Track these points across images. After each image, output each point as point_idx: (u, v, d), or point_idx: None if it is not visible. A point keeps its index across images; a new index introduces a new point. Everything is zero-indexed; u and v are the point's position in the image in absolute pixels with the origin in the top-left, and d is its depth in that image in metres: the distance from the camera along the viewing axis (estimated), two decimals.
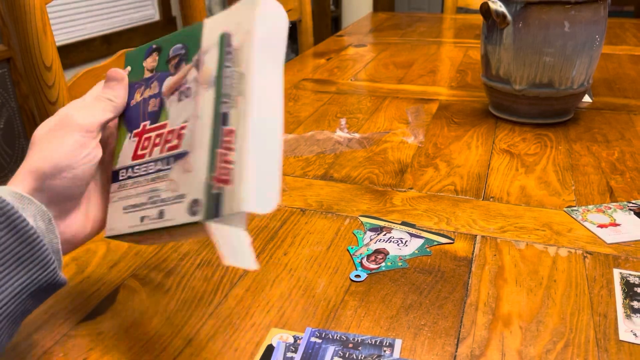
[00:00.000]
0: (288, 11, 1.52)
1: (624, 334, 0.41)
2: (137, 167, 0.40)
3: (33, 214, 0.35)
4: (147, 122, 0.41)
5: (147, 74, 0.42)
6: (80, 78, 0.78)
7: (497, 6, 0.78)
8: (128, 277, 0.49)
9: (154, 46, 0.42)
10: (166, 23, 3.08)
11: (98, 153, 0.39)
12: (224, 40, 0.37)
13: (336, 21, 3.48)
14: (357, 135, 0.82)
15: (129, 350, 0.41)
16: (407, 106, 0.94)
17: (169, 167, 0.38)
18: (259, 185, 0.33)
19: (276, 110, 0.35)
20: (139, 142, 0.41)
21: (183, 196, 0.36)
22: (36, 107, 0.72)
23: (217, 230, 0.34)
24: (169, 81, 0.40)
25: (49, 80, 0.71)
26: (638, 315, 0.43)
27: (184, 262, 0.51)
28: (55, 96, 0.72)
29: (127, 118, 0.43)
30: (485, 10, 0.80)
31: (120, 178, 0.41)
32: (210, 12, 3.03)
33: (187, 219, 0.35)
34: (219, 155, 0.34)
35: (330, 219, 0.58)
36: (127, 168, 0.41)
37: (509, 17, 0.78)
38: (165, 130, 0.39)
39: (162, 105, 0.40)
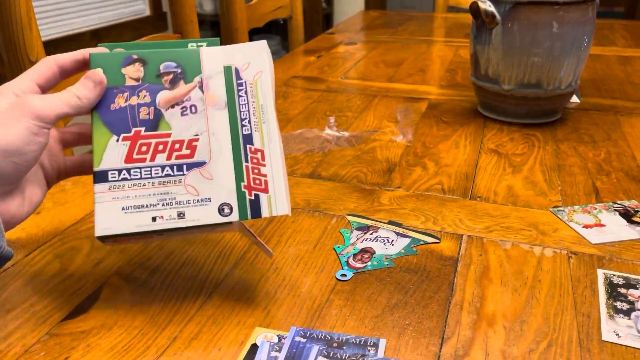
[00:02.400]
0: (279, 8, 1.52)
1: (607, 334, 0.42)
2: (134, 170, 0.43)
3: None
4: (142, 129, 0.44)
5: (131, 82, 0.44)
6: None
7: (487, 6, 0.79)
8: (112, 275, 0.49)
9: (134, 56, 0.44)
10: (157, 19, 3.06)
11: (46, 141, 0.40)
12: (232, 73, 0.45)
13: (327, 18, 3.48)
14: (345, 134, 0.82)
15: (112, 349, 0.40)
16: (396, 105, 0.94)
17: (182, 173, 0.43)
18: (286, 193, 0.44)
19: (277, 132, 0.45)
20: (132, 146, 0.43)
21: (209, 200, 0.43)
22: None
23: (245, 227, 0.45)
24: (166, 95, 0.44)
25: None
26: (621, 315, 0.43)
27: (169, 261, 0.51)
28: None
29: (109, 120, 0.43)
30: (474, 9, 0.81)
31: (111, 179, 0.43)
32: (200, 8, 3.01)
33: (219, 219, 0.43)
34: (248, 169, 0.44)
35: (317, 218, 0.58)
36: (119, 170, 0.43)
37: (498, 17, 0.78)
38: (169, 140, 0.44)
39: (158, 116, 0.44)
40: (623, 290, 0.46)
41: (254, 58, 0.45)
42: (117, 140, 0.43)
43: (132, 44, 0.47)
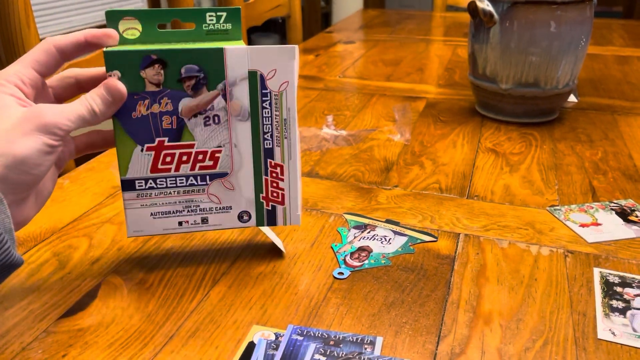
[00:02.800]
0: (277, 7, 1.52)
1: (602, 333, 0.42)
2: (160, 179, 0.45)
3: None
4: (165, 139, 0.44)
5: (151, 87, 0.42)
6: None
7: (485, 5, 0.79)
8: (110, 273, 0.49)
9: (154, 57, 0.41)
10: None
11: (59, 150, 0.39)
12: (257, 80, 0.43)
13: (326, 17, 3.47)
14: (343, 133, 0.82)
15: (109, 347, 0.40)
16: (394, 104, 0.95)
17: (205, 183, 0.45)
18: (299, 206, 0.48)
19: (298, 147, 0.46)
20: (156, 156, 0.44)
21: (229, 208, 0.47)
22: None
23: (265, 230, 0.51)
24: (189, 102, 0.43)
25: None
26: (616, 314, 0.44)
27: (166, 259, 0.51)
28: None
29: (132, 130, 0.43)
30: (472, 8, 0.81)
31: (138, 188, 0.45)
32: (199, 6, 3.01)
33: (239, 225, 0.48)
34: (267, 182, 0.46)
35: (315, 216, 0.58)
36: (145, 179, 0.45)
37: (496, 16, 0.78)
38: (193, 150, 0.44)
39: (181, 125, 0.44)
40: (619, 289, 0.46)
41: (281, 65, 0.43)
42: (142, 150, 0.44)
43: (139, 11, 0.43)
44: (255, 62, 0.43)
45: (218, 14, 0.44)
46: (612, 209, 0.59)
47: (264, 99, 0.44)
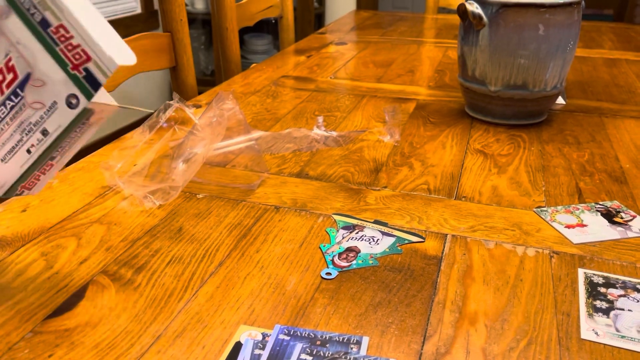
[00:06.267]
0: (269, 7, 1.52)
1: (586, 333, 0.42)
2: None
3: None
4: None
5: None
6: None
7: (474, 8, 0.79)
8: (98, 273, 0.49)
9: None
10: (148, 16, 3.05)
11: None
12: None
13: (319, 18, 3.48)
14: (334, 134, 0.82)
15: (95, 347, 0.40)
16: (385, 105, 0.95)
17: (21, 96, 0.42)
18: (111, 45, 0.40)
19: None
20: None
21: (55, 103, 0.42)
22: None
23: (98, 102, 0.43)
24: None
25: None
26: (600, 314, 0.44)
27: (155, 259, 0.51)
28: None
29: None
30: (462, 11, 0.81)
31: None
32: (192, 6, 3.01)
33: (73, 113, 0.42)
34: (62, 51, 0.40)
35: (303, 217, 0.59)
36: None
37: (485, 19, 0.79)
38: None
39: None
40: (603, 290, 0.47)
41: None
42: None
43: None
44: None
45: None
46: (597, 211, 0.60)
47: None
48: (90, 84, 0.41)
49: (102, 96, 0.44)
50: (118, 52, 0.41)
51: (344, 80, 1.10)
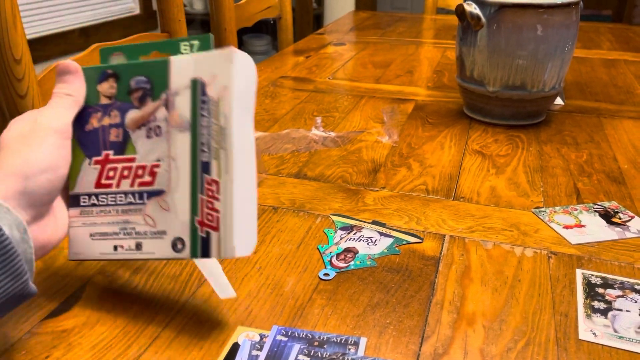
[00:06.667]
0: (268, 8, 1.52)
1: (584, 333, 0.42)
2: (102, 195, 0.42)
3: (9, 224, 0.34)
4: (111, 152, 0.42)
5: (104, 100, 0.43)
6: (50, 72, 0.76)
7: (472, 8, 0.79)
8: (95, 274, 0.49)
9: (109, 71, 0.43)
10: (147, 17, 3.05)
11: (70, 152, 0.40)
12: (197, 88, 0.39)
13: (318, 19, 3.48)
14: (332, 134, 0.82)
15: (93, 348, 0.40)
16: (383, 106, 0.95)
17: (142, 201, 0.41)
18: (242, 232, 0.39)
19: (251, 158, 0.39)
20: (102, 171, 0.42)
21: (164, 232, 0.41)
22: (5, 101, 0.70)
23: (200, 263, 0.43)
24: (134, 114, 0.42)
25: (18, 73, 0.69)
26: (598, 315, 0.44)
27: (152, 260, 0.51)
28: (24, 89, 0.71)
29: (83, 142, 0.43)
30: (460, 12, 0.81)
31: (82, 204, 0.43)
32: (190, 7, 3.01)
33: (172, 255, 0.41)
34: (202, 202, 0.39)
35: (301, 218, 0.59)
36: (89, 195, 0.43)
37: (483, 19, 0.79)
38: (134, 165, 0.42)
39: (126, 138, 0.42)
40: (601, 290, 0.47)
41: (220, 70, 0.39)
42: (89, 164, 0.43)
43: (126, 46, 0.44)
44: (199, 69, 0.40)
45: (191, 42, 0.43)
46: (595, 211, 0.60)
47: (202, 106, 0.39)
48: (202, 247, 0.39)
49: (206, 262, 0.43)
50: (243, 243, 0.39)
51: (343, 81, 1.10)
